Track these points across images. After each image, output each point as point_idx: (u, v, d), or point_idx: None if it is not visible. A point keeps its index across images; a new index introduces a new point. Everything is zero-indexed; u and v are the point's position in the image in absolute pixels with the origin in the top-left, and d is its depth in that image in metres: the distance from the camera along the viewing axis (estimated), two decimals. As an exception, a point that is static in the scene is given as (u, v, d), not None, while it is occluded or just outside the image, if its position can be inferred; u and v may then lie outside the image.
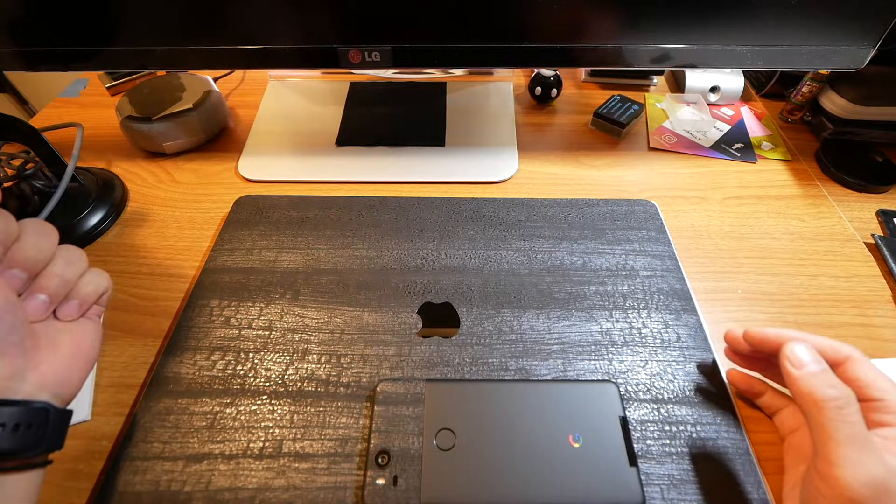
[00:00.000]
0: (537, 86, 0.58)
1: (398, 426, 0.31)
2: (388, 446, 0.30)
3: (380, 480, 0.29)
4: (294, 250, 0.43)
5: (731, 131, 0.57)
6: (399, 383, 0.32)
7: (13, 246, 0.25)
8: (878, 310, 0.40)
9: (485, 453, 0.30)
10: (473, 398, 0.32)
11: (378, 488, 0.28)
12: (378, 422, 0.31)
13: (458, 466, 0.29)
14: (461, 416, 0.31)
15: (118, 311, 0.40)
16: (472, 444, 0.30)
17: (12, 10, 0.40)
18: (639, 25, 0.41)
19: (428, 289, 0.40)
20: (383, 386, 0.32)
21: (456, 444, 0.30)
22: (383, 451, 0.30)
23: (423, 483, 0.29)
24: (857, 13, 0.39)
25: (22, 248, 0.25)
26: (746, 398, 0.35)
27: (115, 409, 0.35)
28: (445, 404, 0.31)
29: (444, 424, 0.31)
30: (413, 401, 0.32)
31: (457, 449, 0.30)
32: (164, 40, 0.42)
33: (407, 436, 0.30)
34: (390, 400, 0.32)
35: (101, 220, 0.46)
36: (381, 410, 0.31)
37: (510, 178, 0.51)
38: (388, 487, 0.28)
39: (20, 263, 0.25)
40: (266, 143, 0.55)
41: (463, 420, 0.31)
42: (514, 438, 0.30)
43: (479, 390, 0.32)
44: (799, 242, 0.45)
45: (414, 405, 0.31)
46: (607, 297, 0.40)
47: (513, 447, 0.30)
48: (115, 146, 0.55)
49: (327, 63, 0.44)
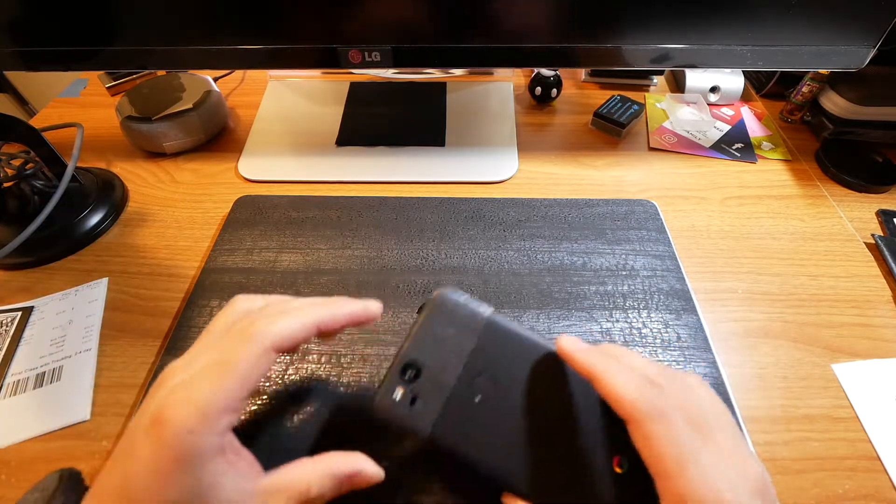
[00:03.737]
0: (537, 86, 0.58)
1: (440, 347, 0.27)
2: (423, 363, 0.26)
3: (398, 392, 0.26)
4: (294, 250, 0.43)
5: (731, 131, 0.57)
6: (462, 302, 0.28)
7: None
8: (878, 310, 0.40)
9: (515, 425, 0.26)
10: (533, 360, 0.27)
11: (392, 400, 0.25)
12: (422, 332, 0.27)
13: (482, 420, 0.26)
14: (509, 372, 0.27)
15: (118, 311, 0.40)
16: (507, 407, 0.26)
17: (12, 10, 0.40)
18: (639, 25, 0.41)
19: (428, 289, 0.40)
20: (445, 294, 0.28)
21: (490, 396, 0.26)
22: (415, 365, 0.26)
23: (440, 418, 0.25)
24: (857, 13, 0.39)
25: None
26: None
27: (115, 409, 0.35)
28: (498, 351, 0.27)
29: (487, 370, 0.26)
30: (467, 329, 0.27)
31: (489, 402, 0.26)
32: (164, 40, 0.42)
33: (445, 362, 0.26)
34: (444, 315, 0.27)
35: (101, 220, 0.46)
36: (431, 321, 0.27)
37: (510, 178, 0.51)
38: (404, 404, 0.25)
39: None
40: (266, 143, 0.55)
41: (509, 376, 0.26)
42: (553, 428, 0.26)
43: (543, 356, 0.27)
44: (799, 242, 0.45)
45: (467, 335, 0.27)
46: (607, 297, 0.40)
47: (549, 437, 0.26)
48: (115, 146, 0.55)
49: (327, 63, 0.44)
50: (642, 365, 0.24)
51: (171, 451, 0.20)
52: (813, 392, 0.35)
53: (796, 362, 0.37)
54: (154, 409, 0.21)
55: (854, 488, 0.31)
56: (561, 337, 0.25)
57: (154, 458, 0.20)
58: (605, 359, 0.23)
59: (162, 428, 0.20)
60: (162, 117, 0.51)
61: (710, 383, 0.35)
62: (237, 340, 0.23)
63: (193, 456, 0.20)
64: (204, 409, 0.21)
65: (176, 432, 0.20)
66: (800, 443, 0.33)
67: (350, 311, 0.26)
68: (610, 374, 0.22)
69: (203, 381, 0.21)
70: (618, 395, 0.22)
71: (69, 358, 0.37)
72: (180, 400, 0.21)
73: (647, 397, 0.21)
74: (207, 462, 0.21)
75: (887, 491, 0.31)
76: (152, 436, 0.20)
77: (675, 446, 0.21)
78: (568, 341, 0.25)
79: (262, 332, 0.23)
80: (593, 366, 0.23)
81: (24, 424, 0.34)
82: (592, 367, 0.23)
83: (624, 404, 0.22)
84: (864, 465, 0.32)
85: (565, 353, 0.24)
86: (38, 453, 0.33)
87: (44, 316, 0.40)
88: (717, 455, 0.21)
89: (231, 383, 0.21)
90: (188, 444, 0.20)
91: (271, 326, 0.23)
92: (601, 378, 0.23)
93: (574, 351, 0.24)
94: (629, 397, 0.21)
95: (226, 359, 0.22)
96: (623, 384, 0.22)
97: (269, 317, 0.24)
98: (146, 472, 0.20)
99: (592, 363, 0.23)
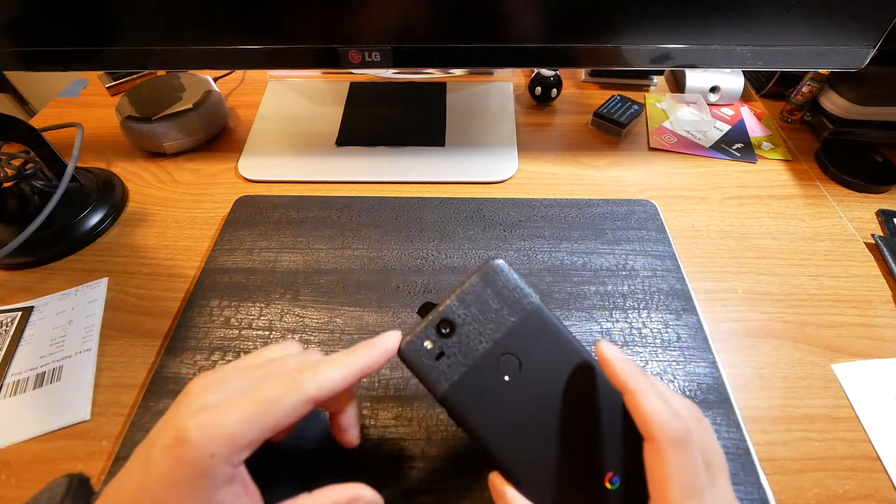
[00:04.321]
0: (537, 86, 0.58)
1: (481, 314, 0.26)
2: (460, 323, 0.26)
3: (428, 343, 0.26)
4: (294, 250, 0.43)
5: (731, 131, 0.57)
6: (515, 278, 0.27)
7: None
8: (878, 310, 0.40)
9: (526, 411, 0.26)
10: (564, 356, 0.27)
11: (420, 348, 0.25)
12: (469, 293, 0.26)
13: (496, 397, 0.26)
14: (537, 361, 0.26)
15: (118, 311, 0.40)
16: (524, 392, 0.26)
17: (12, 10, 0.40)
18: (639, 25, 0.41)
19: (428, 289, 0.40)
20: (500, 265, 0.27)
21: (512, 378, 0.26)
22: (452, 322, 0.26)
23: (459, 381, 0.25)
24: (857, 13, 0.39)
25: None
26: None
27: (115, 409, 0.35)
28: (535, 338, 0.27)
29: (517, 352, 0.26)
30: (513, 307, 0.27)
31: (508, 382, 0.26)
32: (164, 40, 0.42)
33: (481, 331, 0.26)
34: (495, 285, 0.27)
35: (101, 220, 0.46)
36: (481, 286, 0.27)
37: (510, 178, 0.51)
38: (430, 356, 0.25)
39: None
40: (266, 143, 0.55)
41: (536, 364, 0.26)
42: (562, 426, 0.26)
43: (575, 356, 0.27)
44: (799, 242, 0.45)
45: (510, 312, 0.27)
46: (607, 298, 0.40)
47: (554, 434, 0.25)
48: (115, 146, 0.55)
49: (327, 63, 0.44)
50: (670, 394, 0.25)
51: (189, 470, 0.20)
52: (813, 392, 0.35)
53: (796, 362, 0.37)
54: (179, 426, 0.21)
55: (854, 488, 0.31)
56: (602, 342, 0.25)
57: (171, 473, 0.20)
58: (642, 374, 0.24)
59: (185, 446, 0.20)
60: (162, 117, 0.51)
61: (710, 383, 0.35)
62: (282, 383, 0.23)
63: (209, 479, 0.20)
64: (231, 439, 0.21)
65: (198, 453, 0.20)
66: (800, 443, 0.33)
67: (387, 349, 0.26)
68: (644, 390, 0.22)
69: (238, 411, 0.21)
70: (648, 412, 0.22)
71: (69, 358, 0.37)
72: (209, 422, 0.21)
73: (674, 423, 0.21)
74: (218, 488, 0.21)
75: (887, 491, 0.31)
76: (174, 452, 0.21)
77: (687, 476, 0.21)
78: (609, 348, 0.25)
79: (307, 383, 0.23)
80: (630, 378, 0.23)
81: (24, 424, 0.34)
82: (628, 380, 0.23)
83: (651, 423, 0.22)
84: (864, 465, 0.32)
85: (604, 358, 0.24)
86: (38, 453, 0.33)
87: (44, 316, 0.40)
88: (720, 499, 0.22)
89: (265, 422, 0.22)
90: (207, 467, 0.20)
91: (316, 376, 0.23)
92: (635, 392, 0.23)
93: (614, 359, 0.24)
94: (657, 417, 0.22)
95: (266, 396, 0.22)
96: (655, 404, 0.22)
97: (315, 365, 0.24)
98: (161, 487, 0.21)
99: (629, 374, 0.23)
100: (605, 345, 0.25)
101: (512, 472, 0.25)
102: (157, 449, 0.21)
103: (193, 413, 0.21)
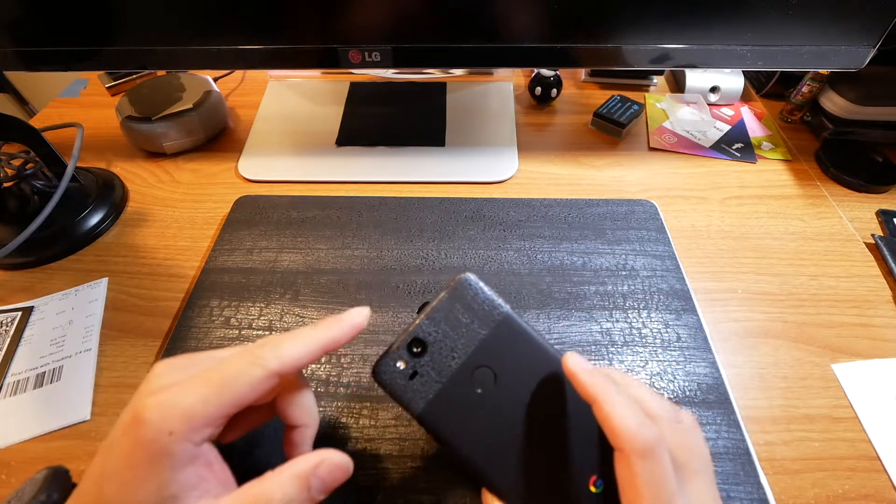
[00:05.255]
0: (537, 86, 0.58)
1: (452, 329, 0.26)
2: (431, 341, 0.26)
3: (400, 364, 0.26)
4: (294, 250, 0.43)
5: (731, 131, 0.57)
6: (484, 290, 0.27)
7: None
8: (878, 310, 0.40)
9: (504, 423, 0.26)
10: (538, 364, 0.27)
11: (393, 370, 0.25)
12: (438, 310, 0.27)
13: (473, 411, 0.26)
14: (512, 371, 0.26)
15: (118, 311, 0.40)
16: (501, 404, 0.26)
17: (12, 10, 0.40)
18: (639, 25, 0.41)
19: (428, 289, 0.40)
20: (468, 278, 0.27)
21: (488, 391, 0.26)
22: (423, 341, 0.26)
23: (434, 399, 0.25)
24: (857, 13, 0.39)
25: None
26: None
27: (115, 409, 0.35)
28: (507, 348, 0.27)
29: (491, 364, 0.26)
30: (483, 319, 0.27)
31: (484, 395, 0.26)
32: (164, 40, 0.42)
33: (453, 346, 0.26)
34: (464, 299, 0.27)
35: (101, 220, 0.46)
36: (450, 302, 0.27)
37: (510, 178, 0.51)
38: (403, 376, 0.25)
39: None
40: (266, 143, 0.55)
41: (511, 375, 0.26)
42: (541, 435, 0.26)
43: (549, 364, 0.27)
44: (799, 242, 0.45)
45: (481, 324, 0.27)
46: (607, 298, 0.40)
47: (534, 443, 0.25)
48: (115, 146, 0.55)
49: (327, 63, 0.44)
50: (643, 396, 0.24)
51: (147, 450, 0.20)
52: (813, 392, 0.35)
53: (796, 362, 0.37)
54: (137, 407, 0.21)
55: (854, 488, 0.31)
56: (568, 354, 0.25)
57: (130, 455, 0.20)
58: (609, 385, 0.23)
59: (141, 426, 0.20)
60: (162, 117, 0.51)
61: (710, 383, 0.35)
62: (242, 358, 0.22)
63: (168, 458, 0.20)
64: (188, 415, 0.20)
65: (155, 432, 0.20)
66: (800, 443, 0.33)
67: (353, 324, 0.25)
68: (610, 401, 0.22)
69: (195, 389, 0.21)
70: (614, 424, 0.22)
71: (69, 358, 0.37)
72: (165, 401, 0.20)
73: (641, 433, 0.21)
74: (179, 468, 0.20)
75: (887, 491, 0.31)
76: (131, 433, 0.20)
77: (655, 488, 0.21)
78: (574, 360, 0.24)
79: (267, 357, 0.22)
80: (596, 389, 0.23)
81: (24, 424, 0.34)
82: (594, 391, 0.23)
83: (618, 435, 0.22)
84: (864, 465, 0.32)
85: (570, 371, 0.24)
86: (38, 453, 0.33)
87: (44, 316, 0.40)
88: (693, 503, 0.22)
89: (226, 397, 0.21)
90: (165, 445, 0.20)
91: (277, 350, 0.23)
92: (601, 404, 0.22)
93: (580, 371, 0.24)
94: (625, 429, 0.21)
95: (225, 373, 0.22)
96: (621, 415, 0.22)
97: (276, 340, 0.23)
98: (121, 469, 0.20)
99: (595, 386, 0.23)
100: (571, 358, 0.24)
101: (496, 484, 0.25)
102: (117, 431, 0.21)
103: (152, 392, 0.21)
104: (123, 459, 0.20)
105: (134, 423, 0.20)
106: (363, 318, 0.26)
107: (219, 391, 0.21)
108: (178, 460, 0.20)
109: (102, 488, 0.21)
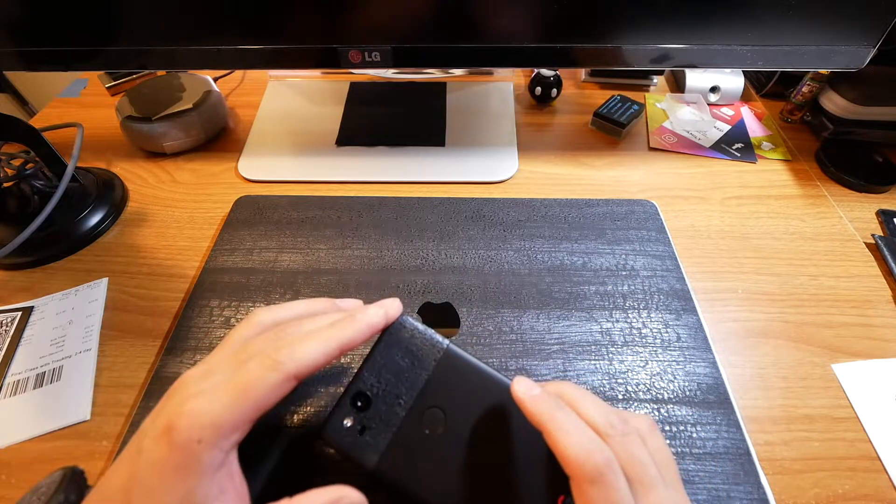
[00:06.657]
0: (537, 86, 0.58)
1: (394, 377, 0.26)
2: (375, 392, 0.26)
3: (347, 421, 0.25)
4: (294, 250, 0.43)
5: (731, 131, 0.57)
6: (421, 330, 0.27)
7: None
8: (878, 310, 0.40)
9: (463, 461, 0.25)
10: (487, 394, 0.26)
11: (341, 428, 0.25)
12: (376, 360, 0.27)
13: (429, 455, 0.25)
14: (462, 406, 0.26)
15: (118, 311, 0.40)
16: (456, 442, 0.26)
17: (12, 10, 0.40)
18: (639, 25, 0.41)
19: (428, 289, 0.40)
20: (403, 321, 0.28)
21: (440, 431, 0.26)
22: (366, 394, 0.26)
23: (387, 450, 0.25)
24: (857, 13, 0.39)
25: None
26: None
27: (115, 409, 0.35)
28: (453, 384, 0.26)
29: (440, 403, 0.26)
30: (424, 359, 0.27)
31: (438, 436, 0.26)
32: (164, 40, 0.42)
33: (398, 393, 0.26)
34: (401, 343, 0.27)
35: (101, 220, 0.46)
36: (387, 349, 0.27)
37: (510, 178, 0.51)
38: (352, 433, 0.25)
39: None
40: (266, 143, 0.55)
41: (462, 410, 0.26)
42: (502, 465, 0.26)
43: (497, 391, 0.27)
44: (799, 242, 0.45)
45: (422, 365, 0.27)
46: (607, 297, 0.40)
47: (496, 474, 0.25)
48: (115, 146, 0.55)
49: (327, 63, 0.44)
50: (595, 413, 0.24)
51: (176, 456, 0.21)
52: (813, 392, 0.35)
53: (796, 362, 0.37)
54: (168, 416, 0.21)
55: (854, 488, 0.31)
56: (516, 380, 0.25)
57: (162, 460, 0.21)
58: (556, 410, 0.23)
59: (173, 433, 0.21)
60: (162, 117, 0.51)
61: (710, 383, 0.35)
62: (259, 363, 0.23)
63: (197, 465, 0.21)
64: (216, 423, 0.21)
65: (186, 439, 0.21)
66: (800, 443, 0.33)
67: (370, 324, 0.26)
68: (556, 429, 0.22)
69: (219, 397, 0.22)
70: (563, 453, 0.22)
71: (69, 358, 0.37)
72: (194, 410, 0.21)
73: (590, 459, 0.21)
74: (207, 476, 0.21)
75: (887, 491, 0.31)
76: (163, 440, 0.21)
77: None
78: (521, 386, 0.24)
79: (285, 361, 0.23)
80: (542, 416, 0.23)
81: (24, 424, 0.34)
82: (541, 419, 0.23)
83: (567, 463, 0.22)
84: (864, 465, 0.32)
85: (518, 399, 0.24)
86: (38, 453, 0.33)
87: (44, 316, 0.40)
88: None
89: (248, 404, 0.22)
90: (194, 452, 0.21)
91: (294, 353, 0.23)
92: (549, 432, 0.22)
93: (527, 399, 0.24)
94: (573, 458, 0.21)
95: (245, 380, 0.22)
96: (568, 443, 0.22)
97: (292, 343, 0.24)
98: (150, 473, 0.21)
99: (542, 413, 0.23)
100: (518, 384, 0.24)
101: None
102: (149, 439, 0.22)
103: (181, 402, 0.22)
104: (156, 465, 0.21)
105: (167, 430, 0.21)
106: (379, 317, 0.26)
107: (241, 399, 0.22)
108: (206, 467, 0.21)
109: (130, 493, 0.21)
